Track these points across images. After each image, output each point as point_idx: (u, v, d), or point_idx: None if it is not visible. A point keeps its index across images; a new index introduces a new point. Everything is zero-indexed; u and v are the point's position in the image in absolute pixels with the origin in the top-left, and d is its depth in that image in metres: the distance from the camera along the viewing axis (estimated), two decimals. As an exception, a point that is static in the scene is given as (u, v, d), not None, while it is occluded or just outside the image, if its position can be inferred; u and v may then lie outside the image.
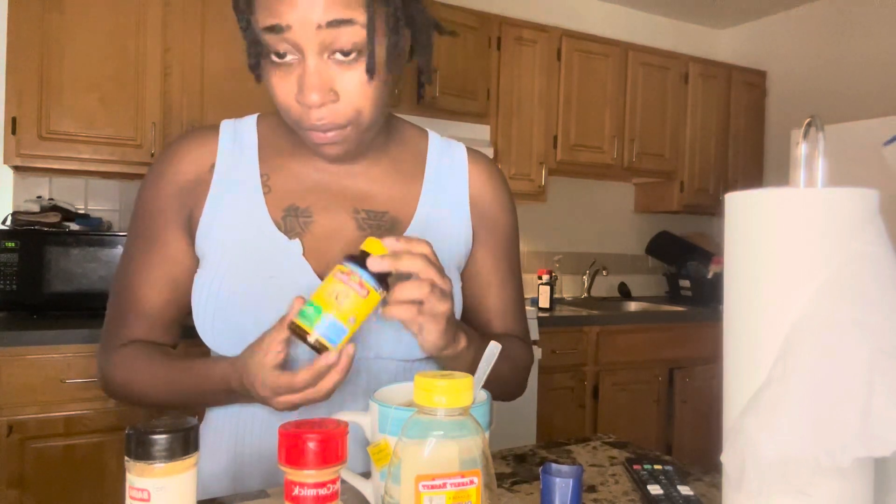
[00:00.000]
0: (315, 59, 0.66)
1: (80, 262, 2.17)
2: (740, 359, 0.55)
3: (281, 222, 0.77)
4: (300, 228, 0.77)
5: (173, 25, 2.35)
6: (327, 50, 0.66)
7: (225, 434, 0.82)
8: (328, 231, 0.78)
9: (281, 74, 0.68)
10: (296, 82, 0.67)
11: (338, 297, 0.60)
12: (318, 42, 0.65)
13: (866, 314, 0.49)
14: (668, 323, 3.05)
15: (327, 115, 0.68)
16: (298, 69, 0.67)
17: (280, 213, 0.77)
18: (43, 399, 1.93)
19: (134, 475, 0.45)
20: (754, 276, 0.54)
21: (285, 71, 0.68)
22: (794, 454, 0.49)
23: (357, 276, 0.61)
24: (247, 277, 0.75)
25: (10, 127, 2.15)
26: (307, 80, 0.66)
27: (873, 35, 3.35)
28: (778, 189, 0.53)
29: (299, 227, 0.77)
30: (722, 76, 3.65)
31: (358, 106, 0.69)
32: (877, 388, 0.48)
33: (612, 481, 0.75)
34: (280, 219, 0.77)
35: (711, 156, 3.62)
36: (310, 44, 0.65)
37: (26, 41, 2.16)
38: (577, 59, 3.21)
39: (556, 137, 3.15)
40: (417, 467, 0.43)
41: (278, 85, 0.69)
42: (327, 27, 0.64)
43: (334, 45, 0.66)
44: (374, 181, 0.81)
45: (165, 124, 2.35)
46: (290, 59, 0.67)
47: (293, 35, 0.65)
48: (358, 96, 0.68)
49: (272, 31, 0.65)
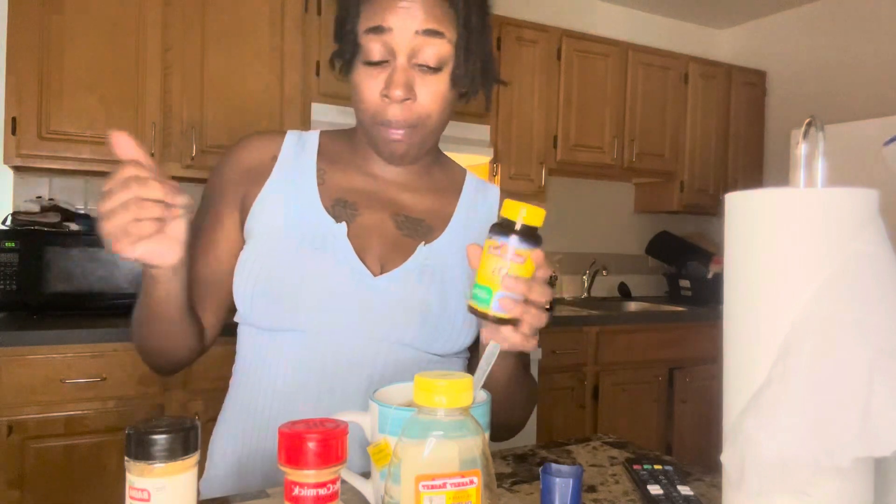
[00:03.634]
0: (404, 62, 0.77)
1: (80, 262, 2.17)
2: (740, 359, 0.55)
3: (330, 209, 0.85)
4: (346, 218, 0.85)
5: (173, 25, 2.35)
6: (415, 58, 0.78)
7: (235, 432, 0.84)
8: (370, 224, 0.86)
9: (371, 74, 0.79)
10: (383, 81, 0.78)
11: (500, 272, 0.62)
12: (411, 47, 0.77)
13: (866, 314, 0.49)
14: (668, 323, 3.05)
15: (403, 113, 0.78)
16: (387, 71, 0.78)
17: (330, 202, 0.86)
18: (43, 399, 1.93)
19: (134, 475, 0.45)
20: (754, 276, 0.54)
21: (375, 72, 0.78)
22: (794, 454, 0.49)
23: (508, 246, 0.62)
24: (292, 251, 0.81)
25: (10, 127, 2.15)
26: (395, 78, 0.77)
27: (873, 35, 3.35)
28: (778, 189, 0.53)
29: (346, 216, 0.85)
30: (722, 76, 3.65)
31: (430, 110, 0.80)
32: (877, 388, 0.48)
33: (612, 481, 0.75)
34: (329, 206, 0.85)
35: (711, 156, 3.62)
36: (403, 48, 0.77)
37: (26, 41, 2.16)
38: (577, 59, 3.21)
39: (556, 137, 3.15)
40: (417, 467, 0.43)
41: (366, 83, 0.79)
42: (423, 34, 0.76)
43: (422, 53, 0.77)
44: (414, 194, 0.90)
45: (165, 124, 2.35)
46: (383, 63, 0.78)
47: (392, 37, 0.77)
48: (432, 101, 0.79)
49: (374, 31, 0.77)
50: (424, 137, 0.83)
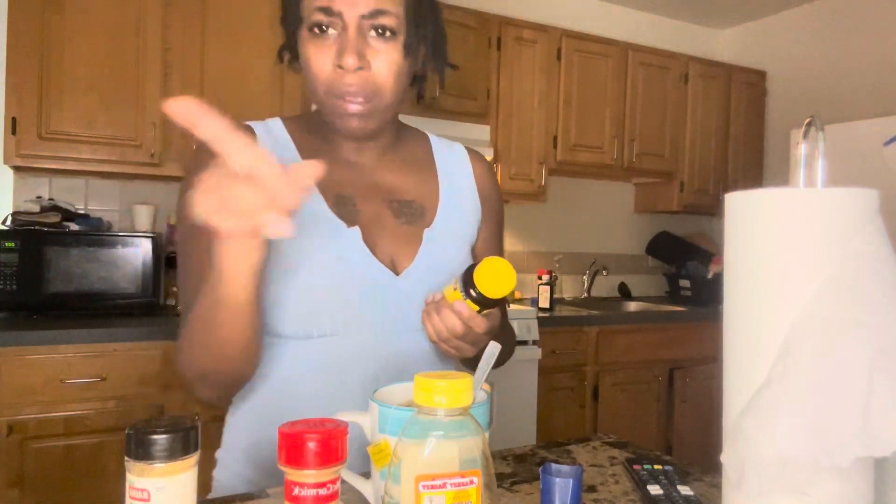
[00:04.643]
0: (354, 32, 0.77)
1: (80, 262, 2.17)
2: (740, 359, 0.55)
3: (334, 208, 0.84)
4: (350, 215, 0.85)
5: (173, 25, 2.35)
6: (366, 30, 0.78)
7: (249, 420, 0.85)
8: (371, 218, 0.86)
9: (320, 45, 0.78)
10: (334, 52, 0.77)
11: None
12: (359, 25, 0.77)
13: (866, 314, 0.49)
14: (668, 323, 3.05)
15: (357, 82, 0.77)
16: (338, 41, 0.77)
17: (331, 200, 0.84)
18: (43, 399, 1.93)
19: (134, 475, 0.45)
20: (754, 276, 0.54)
21: (324, 43, 0.78)
22: (794, 454, 0.49)
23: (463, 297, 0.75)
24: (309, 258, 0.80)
25: (10, 127, 2.15)
26: (347, 46, 0.76)
27: (873, 35, 3.35)
28: (778, 189, 0.53)
29: (350, 213, 0.85)
30: (722, 76, 3.65)
31: (385, 79, 0.79)
32: (877, 388, 0.48)
33: (612, 481, 0.75)
34: (332, 205, 0.84)
35: (711, 156, 3.62)
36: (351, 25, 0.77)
37: (26, 41, 2.16)
38: (577, 59, 3.20)
39: (556, 137, 3.15)
40: (417, 467, 0.43)
41: (316, 56, 0.78)
42: (369, 17, 0.77)
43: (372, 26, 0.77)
44: (397, 174, 0.91)
45: (165, 124, 2.35)
46: (331, 33, 0.77)
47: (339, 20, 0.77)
48: (387, 70, 0.79)
49: (323, 11, 0.76)
50: (382, 110, 0.81)
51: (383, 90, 0.79)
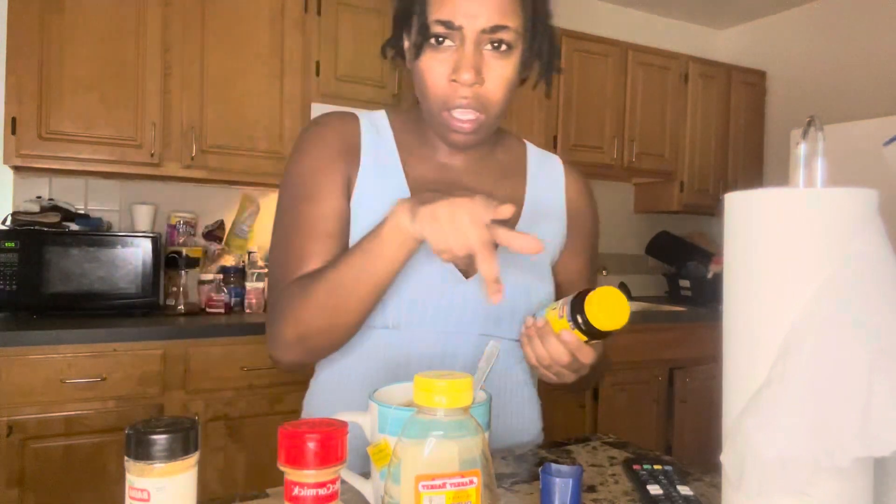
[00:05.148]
0: (472, 47, 0.78)
1: (80, 262, 2.17)
2: (740, 359, 0.55)
3: None
4: None
5: (173, 25, 2.35)
6: (484, 43, 0.78)
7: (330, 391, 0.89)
8: None
9: (437, 58, 0.79)
10: (451, 65, 0.78)
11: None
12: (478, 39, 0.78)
13: (866, 314, 0.49)
14: (668, 323, 3.05)
15: (470, 96, 0.79)
16: (456, 55, 0.78)
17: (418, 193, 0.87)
18: (43, 399, 1.93)
19: (134, 475, 0.45)
20: (754, 276, 0.54)
21: (442, 56, 0.79)
22: (794, 454, 0.49)
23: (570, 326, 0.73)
24: None
25: (10, 127, 2.15)
26: (464, 62, 0.77)
27: (873, 35, 3.35)
28: (778, 189, 0.53)
29: None
30: (722, 76, 3.65)
31: (497, 95, 0.80)
32: (877, 388, 0.48)
33: (612, 481, 0.75)
34: None
35: (711, 156, 3.62)
36: (472, 37, 0.77)
37: (26, 41, 2.16)
38: (577, 59, 3.20)
39: (556, 137, 3.15)
40: (417, 467, 0.43)
41: (433, 67, 0.80)
42: (489, 32, 0.77)
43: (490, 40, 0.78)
44: (486, 178, 0.92)
45: (165, 124, 2.35)
46: (448, 45, 0.78)
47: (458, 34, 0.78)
48: (499, 86, 0.80)
49: (444, 24, 0.77)
50: (489, 124, 0.83)
51: (494, 105, 0.81)
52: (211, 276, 2.54)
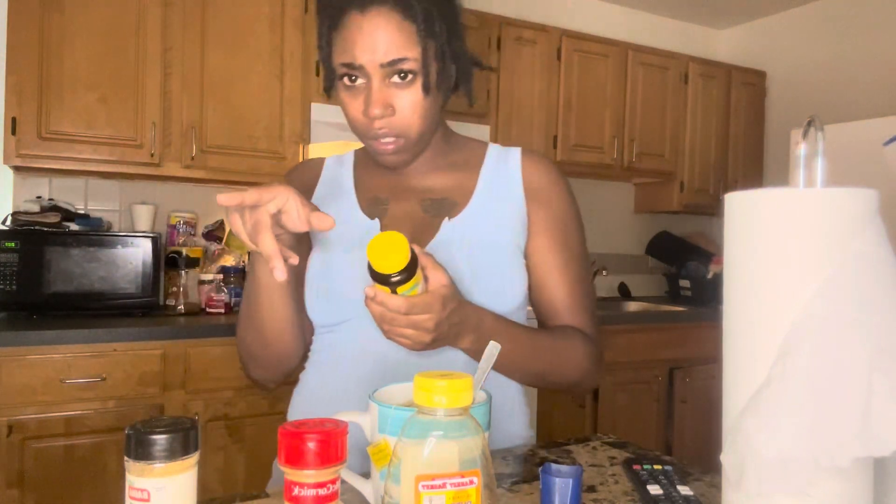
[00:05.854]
0: (378, 83, 0.84)
1: (80, 262, 2.17)
2: (740, 359, 0.55)
3: (366, 209, 0.96)
4: (379, 213, 0.95)
5: (173, 25, 2.35)
6: (388, 77, 0.84)
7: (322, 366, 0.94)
8: (400, 214, 0.95)
9: (352, 95, 0.87)
10: (363, 101, 0.85)
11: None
12: (382, 73, 0.84)
13: (866, 314, 0.49)
14: (668, 323, 3.05)
15: (385, 126, 0.85)
16: (365, 91, 0.85)
17: (366, 203, 0.97)
18: (43, 399, 1.93)
19: (134, 475, 0.45)
20: (754, 276, 0.54)
21: (355, 93, 0.86)
22: (794, 454, 0.49)
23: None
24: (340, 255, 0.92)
25: (10, 127, 2.15)
26: (372, 98, 0.84)
27: (873, 35, 3.35)
28: (778, 189, 0.53)
29: (378, 212, 0.95)
30: (722, 76, 3.65)
31: (410, 121, 0.86)
32: (877, 388, 0.48)
33: (612, 481, 0.75)
34: (365, 207, 0.96)
35: (711, 156, 3.62)
36: (375, 74, 0.83)
37: (26, 41, 2.16)
38: (577, 59, 3.20)
39: (556, 138, 3.15)
40: (417, 467, 0.43)
41: (350, 103, 0.87)
42: (388, 66, 0.83)
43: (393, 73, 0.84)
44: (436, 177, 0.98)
45: (165, 124, 2.35)
46: (360, 83, 0.85)
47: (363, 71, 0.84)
48: (411, 113, 0.85)
49: (347, 66, 0.85)
50: (413, 144, 0.89)
51: (410, 128, 0.86)
52: (211, 276, 2.54)
